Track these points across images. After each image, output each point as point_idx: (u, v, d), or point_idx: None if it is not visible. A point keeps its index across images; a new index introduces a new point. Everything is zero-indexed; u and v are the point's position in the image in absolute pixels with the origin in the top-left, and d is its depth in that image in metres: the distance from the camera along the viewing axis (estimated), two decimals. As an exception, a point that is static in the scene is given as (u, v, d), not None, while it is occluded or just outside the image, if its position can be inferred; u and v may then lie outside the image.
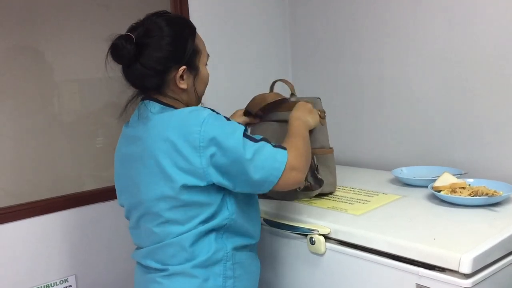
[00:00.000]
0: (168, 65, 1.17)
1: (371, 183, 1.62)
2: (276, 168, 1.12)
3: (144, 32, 1.16)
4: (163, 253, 1.19)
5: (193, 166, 1.10)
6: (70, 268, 1.65)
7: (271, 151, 1.13)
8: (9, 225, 1.51)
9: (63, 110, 1.65)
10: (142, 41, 1.15)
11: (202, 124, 1.10)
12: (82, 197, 1.67)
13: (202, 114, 1.12)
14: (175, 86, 1.20)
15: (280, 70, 2.25)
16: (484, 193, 1.32)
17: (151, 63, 1.16)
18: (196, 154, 1.10)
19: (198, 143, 1.09)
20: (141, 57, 1.15)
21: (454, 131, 1.70)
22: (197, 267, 1.16)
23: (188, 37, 1.21)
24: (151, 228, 1.20)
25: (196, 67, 1.23)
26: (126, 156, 1.24)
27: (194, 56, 1.22)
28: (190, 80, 1.22)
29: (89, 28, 1.67)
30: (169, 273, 1.17)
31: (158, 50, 1.16)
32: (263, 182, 1.13)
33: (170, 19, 1.21)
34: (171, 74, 1.19)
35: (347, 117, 2.05)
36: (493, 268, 1.07)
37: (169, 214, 1.16)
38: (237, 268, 1.21)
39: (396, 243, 1.12)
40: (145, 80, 1.19)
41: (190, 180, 1.11)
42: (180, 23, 1.22)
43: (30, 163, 1.57)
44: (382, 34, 1.88)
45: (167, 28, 1.17)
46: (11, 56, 1.52)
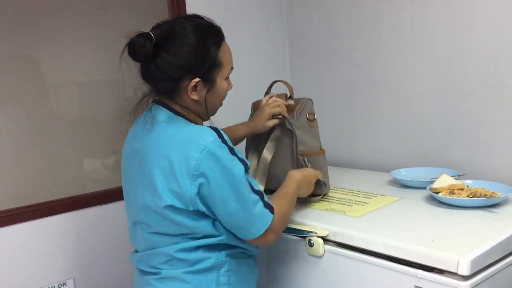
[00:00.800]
0: (182, 74, 1.14)
1: (369, 185, 1.62)
2: (257, 228, 1.13)
3: (167, 33, 1.13)
4: (155, 259, 1.20)
5: (183, 191, 1.09)
6: (69, 272, 1.64)
7: (260, 211, 1.12)
8: (8, 228, 1.51)
9: (62, 113, 1.64)
10: (162, 43, 1.12)
11: (202, 152, 1.07)
12: (81, 200, 1.66)
13: (205, 140, 1.08)
14: (187, 96, 1.17)
15: (278, 71, 2.25)
16: (482, 195, 1.32)
17: (165, 68, 1.13)
18: (188, 180, 1.08)
19: (193, 170, 1.08)
20: (157, 58, 1.12)
21: (452, 132, 1.71)
22: (189, 273, 1.16)
23: (211, 48, 1.15)
24: (144, 235, 1.21)
25: (213, 80, 1.18)
26: (129, 156, 1.24)
27: (213, 69, 1.17)
28: (203, 93, 1.18)
29: (87, 31, 1.67)
30: (161, 277, 1.18)
31: (176, 56, 1.12)
32: (240, 232, 1.14)
33: (198, 25, 1.16)
34: (184, 83, 1.15)
35: (345, 119, 2.05)
36: (491, 270, 1.07)
37: (157, 226, 1.17)
38: (231, 275, 1.19)
39: (395, 245, 1.12)
40: (158, 82, 1.17)
41: (177, 203, 1.10)
42: (207, 32, 1.17)
43: (29, 166, 1.57)
44: (380, 36, 1.88)
45: (192, 35, 1.13)
46: (10, 59, 1.52)
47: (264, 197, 1.15)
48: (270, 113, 1.44)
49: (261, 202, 1.13)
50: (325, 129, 2.11)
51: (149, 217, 1.16)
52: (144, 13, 1.80)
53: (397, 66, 1.84)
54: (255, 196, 1.12)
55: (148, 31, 1.13)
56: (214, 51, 1.16)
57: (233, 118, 1.58)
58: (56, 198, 1.62)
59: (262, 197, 1.14)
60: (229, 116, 1.58)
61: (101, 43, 1.71)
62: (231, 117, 1.57)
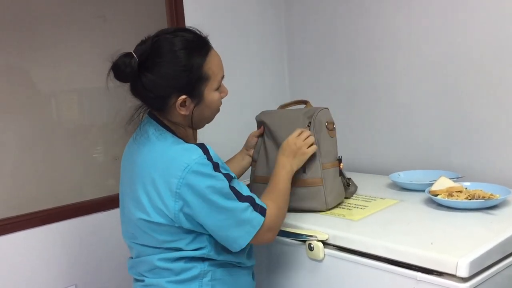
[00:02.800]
0: (169, 92, 1.13)
1: (368, 188, 1.63)
2: (248, 232, 1.13)
3: (150, 53, 1.11)
4: (141, 267, 1.21)
5: (167, 208, 1.10)
6: (71, 278, 1.65)
7: (250, 216, 1.12)
8: (9, 236, 1.52)
9: (62, 120, 1.65)
10: (146, 62, 1.11)
11: (184, 170, 1.08)
12: (81, 207, 1.67)
13: (188, 158, 1.09)
14: (176, 111, 1.17)
15: (276, 75, 2.26)
16: (480, 197, 1.33)
17: (152, 88, 1.12)
18: (171, 197, 1.09)
19: (175, 188, 1.08)
20: (143, 78, 1.11)
21: (451, 135, 1.71)
22: (172, 282, 1.16)
23: (194, 64, 1.13)
24: (130, 244, 1.24)
25: (200, 95, 1.16)
26: (124, 169, 1.26)
27: (199, 83, 1.15)
28: (192, 106, 1.17)
29: (86, 38, 1.68)
30: (145, 284, 1.20)
31: (160, 77, 1.11)
32: (231, 242, 1.14)
33: (181, 42, 1.13)
34: (172, 100, 1.15)
35: (344, 122, 2.05)
36: (490, 271, 1.07)
37: (140, 237, 1.18)
38: (216, 284, 1.18)
39: (394, 248, 1.13)
40: (147, 100, 1.17)
41: (161, 219, 1.11)
42: (191, 48, 1.14)
43: (29, 174, 1.58)
44: (377, 39, 1.89)
45: (175, 53, 1.12)
46: (9, 67, 1.53)
47: (255, 200, 1.15)
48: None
49: (250, 207, 1.13)
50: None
51: (133, 228, 1.19)
52: (142, 20, 1.81)
53: (395, 70, 1.85)
54: (243, 204, 1.12)
55: (130, 51, 1.12)
56: (198, 66, 1.14)
57: (231, 122, 1.60)
58: (57, 205, 1.63)
59: (253, 201, 1.14)
60: (227, 119, 1.59)
61: (100, 50, 1.71)
62: (229, 120, 1.57)
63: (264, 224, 1.14)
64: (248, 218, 1.12)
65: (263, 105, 2.11)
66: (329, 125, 1.42)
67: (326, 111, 1.45)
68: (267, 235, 1.17)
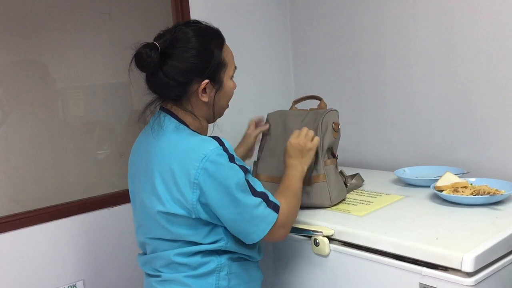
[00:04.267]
0: (191, 77, 1.16)
1: (373, 184, 1.63)
2: (261, 229, 1.14)
3: (171, 41, 1.15)
4: (156, 262, 1.22)
5: (185, 199, 1.11)
6: (78, 274, 1.66)
7: (263, 212, 1.13)
8: (17, 232, 1.53)
9: (69, 117, 1.67)
10: (167, 50, 1.14)
11: (202, 160, 1.09)
12: (88, 203, 1.68)
13: (205, 149, 1.11)
14: (196, 99, 1.19)
15: (281, 71, 2.26)
16: (486, 192, 1.33)
17: (174, 74, 1.14)
18: (189, 188, 1.10)
19: (193, 179, 1.10)
20: (165, 66, 1.14)
21: (456, 131, 1.71)
22: (189, 277, 1.17)
23: (214, 49, 1.18)
24: (145, 239, 1.24)
25: (220, 80, 1.21)
26: (136, 163, 1.26)
27: (219, 69, 1.20)
28: (212, 94, 1.20)
29: (91, 35, 1.69)
30: (162, 279, 1.20)
31: (182, 61, 1.14)
32: (245, 236, 1.15)
33: (199, 30, 1.19)
34: (193, 87, 1.17)
35: (349, 118, 2.06)
36: (495, 266, 1.08)
37: (156, 231, 1.19)
38: (232, 278, 1.20)
39: (399, 244, 1.13)
40: (167, 89, 1.18)
41: (179, 210, 1.12)
42: (208, 35, 1.19)
43: (37, 171, 1.59)
44: (383, 35, 1.89)
45: (194, 39, 1.16)
46: (16, 65, 1.54)
47: (268, 196, 1.16)
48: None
49: (263, 203, 1.14)
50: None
51: (149, 222, 1.19)
52: (148, 16, 1.82)
53: (400, 65, 1.85)
54: (257, 199, 1.13)
55: (152, 41, 1.15)
56: (217, 52, 1.19)
57: (236, 117, 1.60)
58: (64, 201, 1.64)
59: (266, 197, 1.15)
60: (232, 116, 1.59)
61: (106, 47, 1.73)
62: (234, 116, 1.57)
63: (277, 221, 1.15)
64: (261, 214, 1.13)
65: (267, 101, 2.12)
66: (335, 126, 1.45)
67: (335, 113, 1.48)
68: (279, 232, 1.17)
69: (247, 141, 1.54)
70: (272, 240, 1.19)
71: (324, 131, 1.43)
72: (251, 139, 1.54)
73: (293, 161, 1.32)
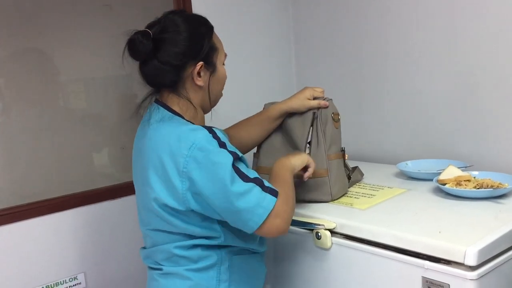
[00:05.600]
0: (185, 60, 1.16)
1: (376, 177, 1.62)
2: (259, 214, 1.07)
3: (161, 28, 1.16)
4: (157, 256, 1.22)
5: (175, 188, 1.10)
6: (79, 266, 1.67)
7: (259, 196, 1.08)
8: (18, 224, 1.53)
9: (70, 109, 1.66)
10: (159, 36, 1.15)
11: (190, 148, 1.08)
12: (90, 195, 1.68)
13: (194, 136, 1.09)
14: (191, 84, 1.19)
15: (283, 65, 2.25)
16: (489, 186, 1.32)
17: (168, 58, 1.15)
18: (178, 178, 1.09)
19: (182, 167, 1.08)
20: (158, 52, 1.14)
21: (459, 124, 1.70)
22: (190, 270, 1.17)
23: (205, 34, 1.20)
24: (145, 230, 1.24)
25: (214, 64, 1.22)
26: (135, 154, 1.27)
27: (211, 52, 1.21)
28: (206, 77, 1.21)
29: (92, 27, 1.68)
30: (163, 272, 1.20)
31: (175, 45, 1.15)
32: (243, 225, 1.10)
33: (187, 16, 1.21)
34: (188, 71, 1.18)
35: (351, 111, 2.05)
36: (498, 260, 1.07)
37: (155, 223, 1.18)
38: (234, 272, 1.20)
39: (402, 237, 1.13)
40: (161, 76, 1.17)
41: (171, 202, 1.11)
42: (197, 21, 1.21)
43: (37, 163, 1.59)
44: (386, 28, 1.88)
45: (184, 25, 1.17)
46: (17, 57, 1.54)
47: (264, 182, 1.11)
48: (311, 94, 1.39)
49: (257, 187, 1.08)
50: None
51: (147, 214, 1.19)
52: (148, 8, 1.81)
53: (403, 59, 1.84)
54: (249, 184, 1.08)
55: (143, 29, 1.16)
56: (208, 36, 1.21)
57: (237, 110, 1.59)
58: (66, 193, 1.64)
59: (260, 182, 1.10)
60: (236, 111, 1.59)
61: (107, 39, 1.72)
62: (237, 112, 1.57)
63: (275, 207, 1.08)
64: (256, 199, 1.07)
65: (269, 93, 2.11)
66: (335, 116, 1.42)
67: (330, 102, 1.43)
68: (276, 222, 1.09)
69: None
70: (271, 232, 1.11)
71: (325, 123, 1.40)
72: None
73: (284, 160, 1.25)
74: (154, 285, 1.23)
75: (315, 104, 1.39)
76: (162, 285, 1.20)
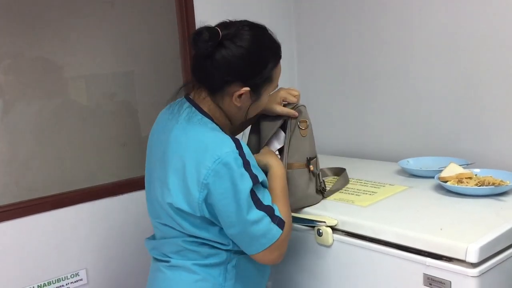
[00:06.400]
0: (234, 79, 1.13)
1: (377, 174, 1.62)
2: (261, 243, 1.10)
3: (234, 35, 1.11)
4: (166, 248, 1.22)
5: (191, 196, 1.09)
6: (81, 262, 1.67)
7: (267, 227, 1.09)
8: (20, 220, 1.53)
9: (72, 106, 1.66)
10: (226, 42, 1.10)
11: (215, 162, 1.06)
12: (92, 192, 1.68)
13: (221, 150, 1.07)
14: (228, 98, 1.16)
15: (284, 62, 2.22)
16: (490, 183, 1.32)
17: (220, 67, 1.11)
18: (197, 187, 1.08)
19: (203, 179, 1.07)
20: (216, 55, 1.10)
21: (460, 121, 1.70)
22: (198, 265, 1.17)
23: (269, 63, 1.16)
24: (155, 222, 1.24)
25: (260, 94, 1.18)
26: (155, 145, 1.24)
27: (264, 83, 1.17)
28: (246, 103, 1.17)
29: (94, 24, 1.68)
30: (171, 265, 1.20)
31: (235, 60, 1.10)
32: (244, 246, 1.13)
33: (264, 37, 1.16)
34: (232, 88, 1.14)
35: (352, 109, 2.05)
36: (500, 257, 1.07)
37: (165, 219, 1.18)
38: (240, 270, 1.20)
39: (403, 234, 1.13)
40: (208, 77, 1.15)
41: (186, 207, 1.11)
42: (271, 47, 1.17)
43: (40, 159, 1.59)
44: (387, 25, 1.87)
45: (255, 45, 1.12)
46: (19, 54, 1.54)
47: (274, 211, 1.12)
48: (284, 98, 1.34)
49: (267, 218, 1.10)
50: (333, 119, 2.12)
51: (159, 210, 1.19)
52: (149, 5, 1.81)
53: (404, 56, 1.84)
54: (260, 213, 1.09)
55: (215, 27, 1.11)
56: (271, 67, 1.17)
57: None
58: (68, 190, 1.64)
59: (271, 212, 1.11)
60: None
61: (109, 36, 1.72)
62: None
63: (277, 240, 1.11)
64: (262, 228, 1.09)
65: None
66: (302, 124, 1.35)
67: (303, 108, 1.37)
68: (274, 254, 1.13)
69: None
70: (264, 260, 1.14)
71: (292, 130, 1.34)
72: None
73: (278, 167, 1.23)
74: (160, 276, 1.22)
75: (283, 112, 1.32)
76: (168, 277, 1.20)
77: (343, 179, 1.55)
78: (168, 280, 1.20)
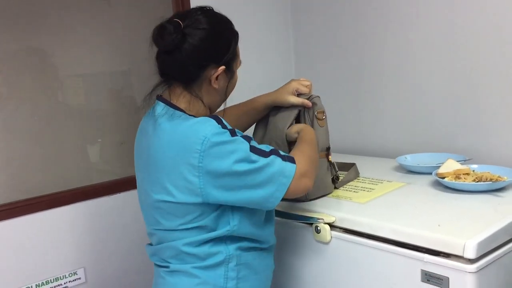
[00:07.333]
0: (208, 61, 1.15)
1: (375, 171, 1.62)
2: (283, 183, 1.11)
3: (193, 21, 1.13)
4: (164, 253, 1.21)
5: (191, 184, 1.09)
6: (79, 261, 1.67)
7: (280, 166, 1.10)
8: (17, 220, 1.53)
9: (69, 105, 1.66)
10: (189, 31, 1.12)
11: (203, 143, 1.07)
12: (89, 190, 1.68)
13: (204, 130, 1.08)
14: (207, 85, 1.17)
15: (282, 58, 2.24)
16: (488, 179, 1.32)
17: (193, 54, 1.12)
18: (195, 173, 1.08)
19: (197, 163, 1.07)
20: (185, 45, 1.11)
21: (458, 117, 1.70)
22: (198, 268, 1.16)
23: (232, 39, 1.19)
24: (151, 230, 1.23)
25: (232, 70, 1.21)
26: (139, 151, 1.24)
27: (233, 59, 1.20)
28: (223, 82, 1.19)
29: (91, 22, 1.68)
30: (170, 270, 1.19)
31: (203, 43, 1.13)
32: (268, 198, 1.11)
33: (219, 17, 1.19)
34: (208, 72, 1.15)
35: (350, 105, 2.05)
36: (497, 253, 1.07)
37: (163, 221, 1.17)
38: (242, 269, 1.19)
39: (401, 230, 1.13)
40: (182, 69, 1.15)
41: (188, 198, 1.10)
42: (227, 24, 1.20)
43: (36, 158, 1.58)
44: (385, 22, 1.87)
45: (217, 25, 1.16)
46: (15, 53, 1.53)
47: (280, 151, 1.14)
48: (296, 88, 1.38)
49: (278, 158, 1.11)
50: (331, 116, 2.11)
51: (154, 213, 1.18)
52: (147, 3, 1.80)
53: (402, 53, 1.84)
54: (269, 158, 1.10)
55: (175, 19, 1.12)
56: (234, 42, 1.19)
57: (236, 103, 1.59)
58: (65, 189, 1.64)
59: (277, 153, 1.13)
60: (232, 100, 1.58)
61: (105, 34, 1.71)
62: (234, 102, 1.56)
63: (297, 171, 1.12)
64: (278, 169, 1.10)
65: (268, 86, 2.10)
66: (319, 115, 1.38)
67: (317, 99, 1.39)
68: (304, 182, 1.13)
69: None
70: (298, 192, 1.15)
71: (310, 121, 1.37)
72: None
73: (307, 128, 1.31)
74: (161, 282, 1.21)
75: (297, 102, 1.37)
76: (168, 283, 1.19)
77: (354, 172, 1.57)
78: (168, 285, 1.19)
